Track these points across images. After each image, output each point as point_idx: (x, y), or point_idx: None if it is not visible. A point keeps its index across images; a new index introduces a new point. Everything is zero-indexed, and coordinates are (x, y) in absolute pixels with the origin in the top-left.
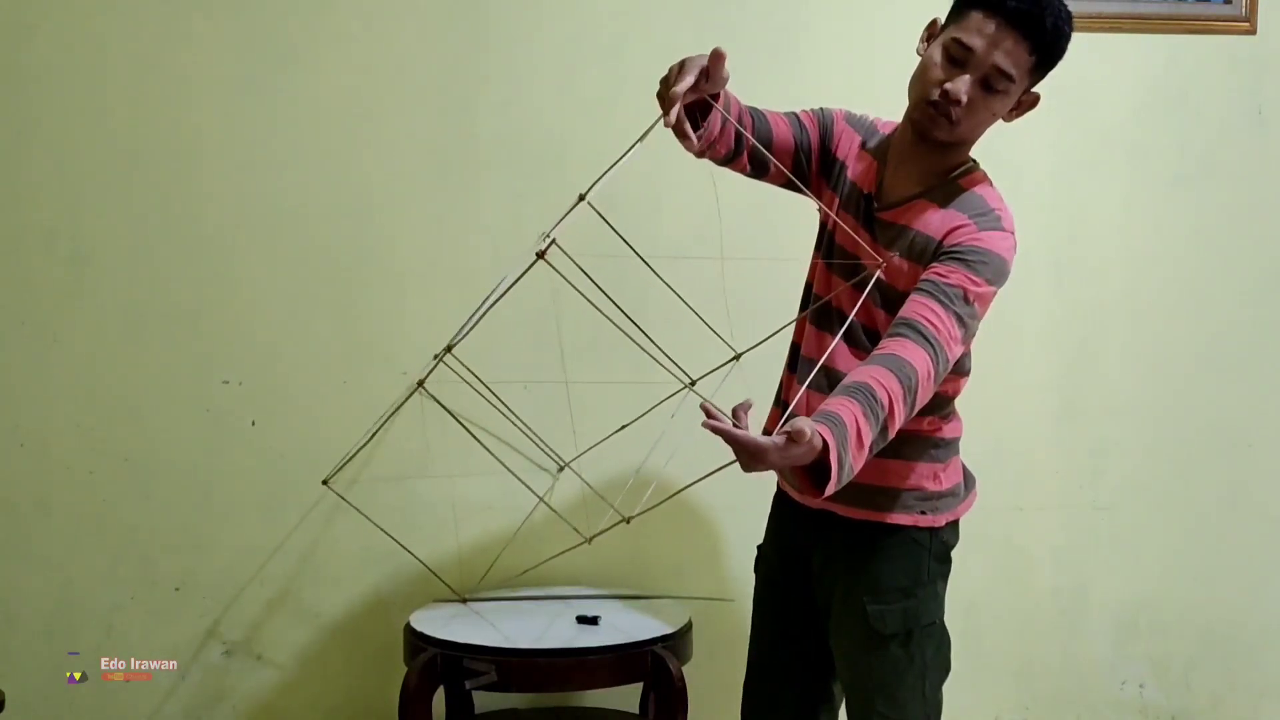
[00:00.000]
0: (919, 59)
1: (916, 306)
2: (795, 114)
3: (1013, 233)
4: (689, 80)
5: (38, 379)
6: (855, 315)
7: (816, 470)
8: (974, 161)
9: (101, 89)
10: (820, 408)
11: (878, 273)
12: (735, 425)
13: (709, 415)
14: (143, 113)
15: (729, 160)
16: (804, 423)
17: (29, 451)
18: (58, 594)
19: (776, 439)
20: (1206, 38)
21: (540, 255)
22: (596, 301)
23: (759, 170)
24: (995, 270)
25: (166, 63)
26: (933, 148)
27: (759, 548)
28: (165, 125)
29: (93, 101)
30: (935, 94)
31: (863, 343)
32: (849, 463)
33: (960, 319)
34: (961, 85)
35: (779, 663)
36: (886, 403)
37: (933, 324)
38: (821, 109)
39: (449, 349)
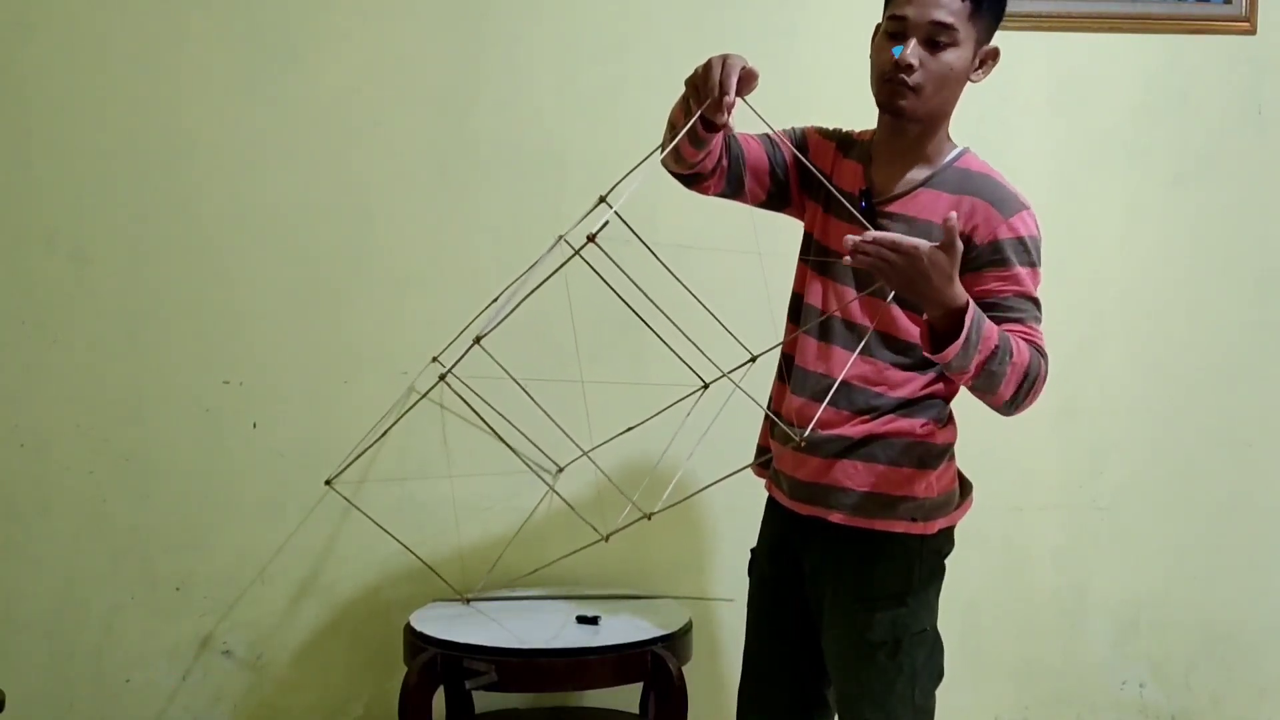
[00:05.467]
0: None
1: (1008, 330)
2: (766, 135)
3: (1029, 205)
4: (734, 83)
5: (38, 379)
6: (871, 321)
7: (939, 337)
8: (963, 147)
9: (101, 89)
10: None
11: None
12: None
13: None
14: (143, 113)
15: (708, 176)
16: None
17: (29, 451)
18: (58, 594)
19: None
20: (1206, 38)
21: (591, 238)
22: (615, 301)
23: (734, 189)
24: (1036, 249)
25: (166, 62)
26: (914, 133)
27: (752, 550)
28: (165, 125)
29: (93, 101)
30: (888, 69)
31: (877, 350)
32: (977, 339)
33: (1038, 319)
34: (908, 50)
35: (774, 665)
36: (1016, 350)
37: (1036, 338)
38: (792, 128)
39: (478, 340)
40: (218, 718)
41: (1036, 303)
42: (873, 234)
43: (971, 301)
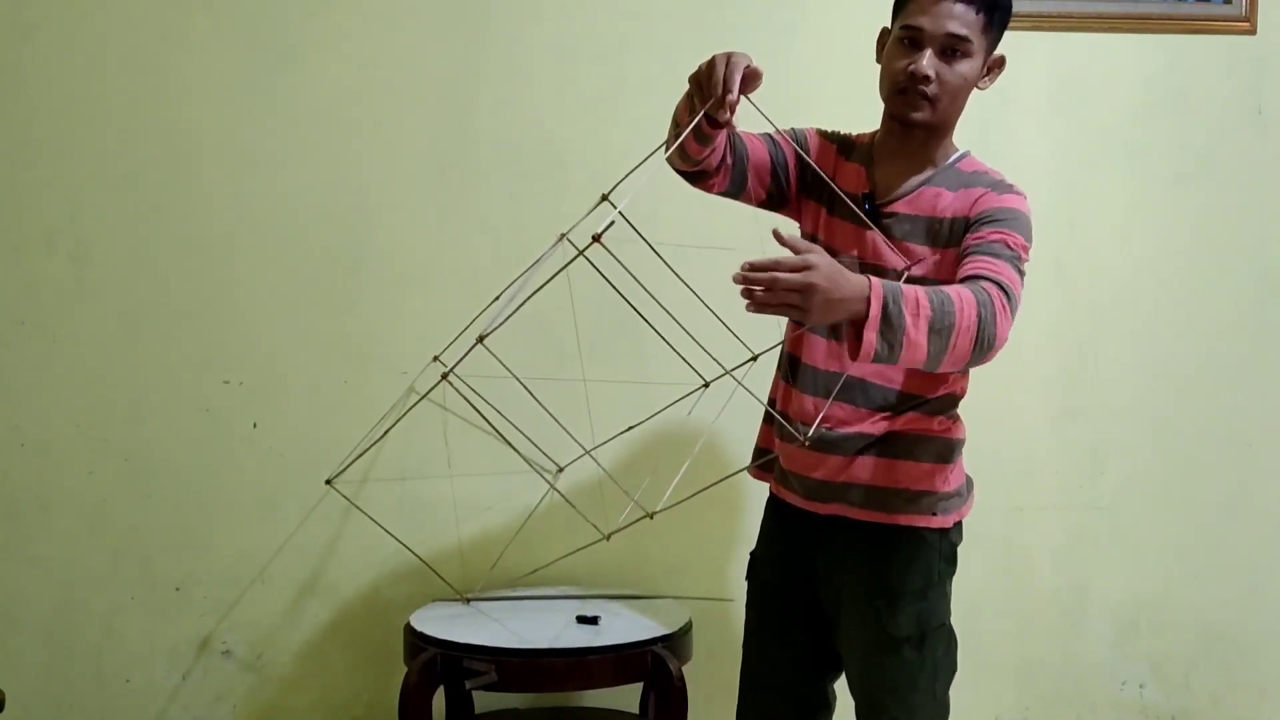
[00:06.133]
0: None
1: (969, 266)
2: (769, 134)
3: (1025, 194)
4: (738, 82)
5: (38, 379)
6: None
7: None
8: (964, 150)
9: (101, 89)
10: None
11: (905, 273)
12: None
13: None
14: (142, 113)
15: (713, 174)
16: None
17: (29, 451)
18: (58, 594)
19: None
20: (1206, 38)
21: (596, 238)
22: (615, 299)
23: (738, 188)
24: (1024, 227)
25: (166, 62)
26: (919, 138)
27: (752, 554)
28: (165, 125)
29: (93, 101)
30: (903, 79)
31: None
32: (900, 318)
33: (1012, 264)
34: (924, 61)
35: (777, 668)
36: (957, 299)
37: (992, 269)
38: (793, 128)
39: (481, 339)
40: (218, 718)
41: (1015, 254)
42: (749, 263)
43: (874, 278)
